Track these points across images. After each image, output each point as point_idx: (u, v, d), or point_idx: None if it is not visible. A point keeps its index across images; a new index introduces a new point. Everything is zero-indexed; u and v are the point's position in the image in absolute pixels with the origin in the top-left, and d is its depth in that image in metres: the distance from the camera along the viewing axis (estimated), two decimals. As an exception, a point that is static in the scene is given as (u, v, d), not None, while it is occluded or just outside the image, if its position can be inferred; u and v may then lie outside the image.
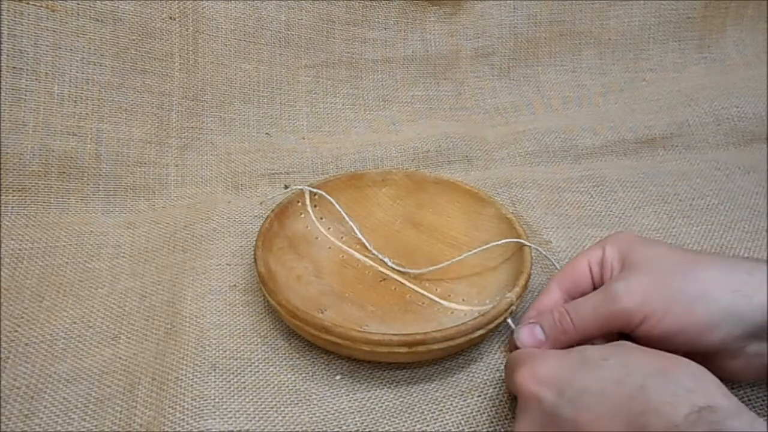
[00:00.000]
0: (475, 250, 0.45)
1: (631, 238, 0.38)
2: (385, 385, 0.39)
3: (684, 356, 0.30)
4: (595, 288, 0.38)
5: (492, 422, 0.36)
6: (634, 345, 0.32)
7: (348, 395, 0.38)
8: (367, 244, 0.48)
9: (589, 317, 0.35)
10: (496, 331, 0.40)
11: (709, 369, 0.29)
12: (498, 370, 0.39)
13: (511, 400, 0.37)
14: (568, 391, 0.29)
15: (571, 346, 0.35)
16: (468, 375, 0.39)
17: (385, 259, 0.47)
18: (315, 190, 0.49)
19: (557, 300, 0.39)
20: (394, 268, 0.46)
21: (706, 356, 0.32)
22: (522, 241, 0.44)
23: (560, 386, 0.30)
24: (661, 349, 0.32)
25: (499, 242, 0.44)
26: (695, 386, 0.27)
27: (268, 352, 0.40)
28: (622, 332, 0.35)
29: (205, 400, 0.36)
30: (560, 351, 0.33)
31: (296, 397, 0.37)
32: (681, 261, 0.35)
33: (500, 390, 0.38)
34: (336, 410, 0.37)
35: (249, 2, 0.59)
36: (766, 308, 0.32)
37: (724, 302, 0.32)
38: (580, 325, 0.36)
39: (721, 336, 0.32)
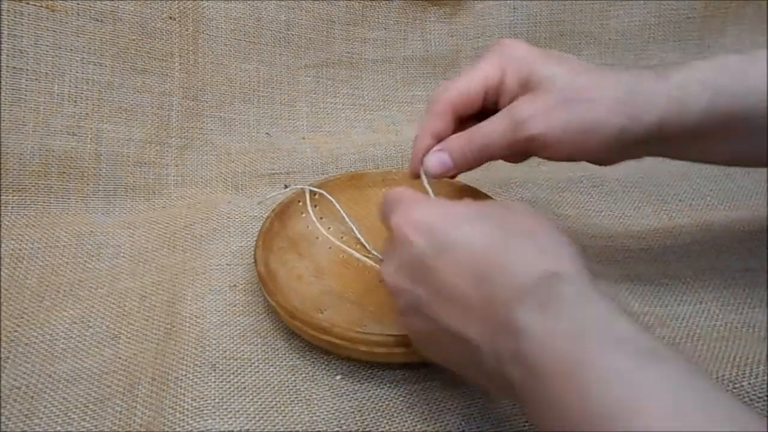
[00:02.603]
0: None
1: (527, 57, 0.38)
2: (385, 385, 0.38)
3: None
4: (483, 111, 0.39)
5: (492, 422, 0.36)
6: (516, 204, 0.33)
7: (348, 395, 0.38)
8: (366, 245, 0.48)
9: (496, 143, 0.37)
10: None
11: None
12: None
13: (512, 399, 0.37)
14: (438, 240, 0.30)
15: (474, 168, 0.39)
16: (468, 375, 0.39)
17: (385, 259, 0.47)
18: (316, 190, 0.49)
19: (448, 124, 0.39)
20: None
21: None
22: None
23: (432, 234, 0.30)
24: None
25: None
26: (550, 250, 0.29)
27: (268, 352, 0.40)
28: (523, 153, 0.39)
29: (205, 400, 0.36)
30: (440, 199, 0.35)
31: (296, 397, 0.37)
32: (579, 86, 0.36)
33: (500, 390, 0.38)
34: (336, 410, 0.37)
35: (249, 2, 0.59)
36: (654, 126, 0.35)
37: (614, 130, 0.35)
38: (486, 151, 0.38)
39: (614, 156, 0.38)
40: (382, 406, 0.37)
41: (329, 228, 0.49)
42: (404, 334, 0.36)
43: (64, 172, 0.52)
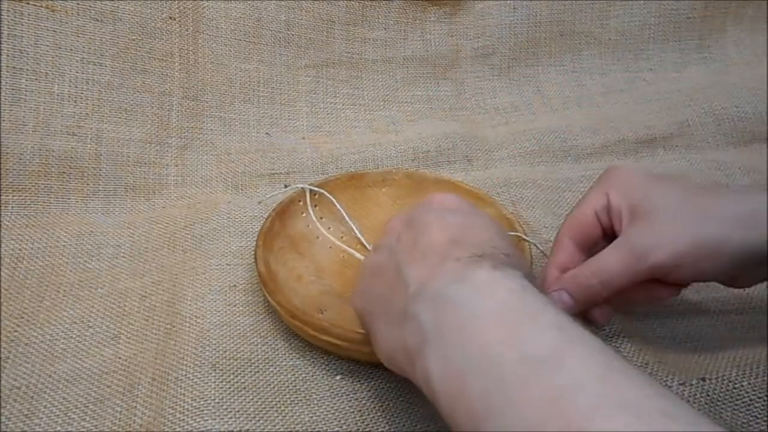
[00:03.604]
0: None
1: (633, 181, 0.37)
2: (385, 385, 0.38)
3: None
4: (605, 233, 0.39)
5: (492, 422, 0.36)
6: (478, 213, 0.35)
7: (348, 395, 0.38)
8: (366, 245, 0.48)
9: (618, 278, 0.36)
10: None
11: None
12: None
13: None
14: (453, 209, 0.33)
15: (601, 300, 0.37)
16: (468, 375, 0.39)
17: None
18: (316, 189, 0.49)
19: (572, 254, 0.39)
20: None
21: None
22: (520, 234, 0.44)
23: (453, 204, 0.34)
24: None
25: None
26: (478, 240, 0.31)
27: (268, 352, 0.40)
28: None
29: (205, 400, 0.36)
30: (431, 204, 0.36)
31: (296, 397, 0.37)
32: (694, 204, 0.35)
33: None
34: (336, 410, 0.37)
35: (249, 2, 0.59)
36: None
37: (740, 247, 0.34)
38: (608, 286, 0.36)
39: (744, 275, 0.36)
40: (382, 406, 0.37)
41: (329, 228, 0.49)
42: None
43: (64, 172, 0.52)
